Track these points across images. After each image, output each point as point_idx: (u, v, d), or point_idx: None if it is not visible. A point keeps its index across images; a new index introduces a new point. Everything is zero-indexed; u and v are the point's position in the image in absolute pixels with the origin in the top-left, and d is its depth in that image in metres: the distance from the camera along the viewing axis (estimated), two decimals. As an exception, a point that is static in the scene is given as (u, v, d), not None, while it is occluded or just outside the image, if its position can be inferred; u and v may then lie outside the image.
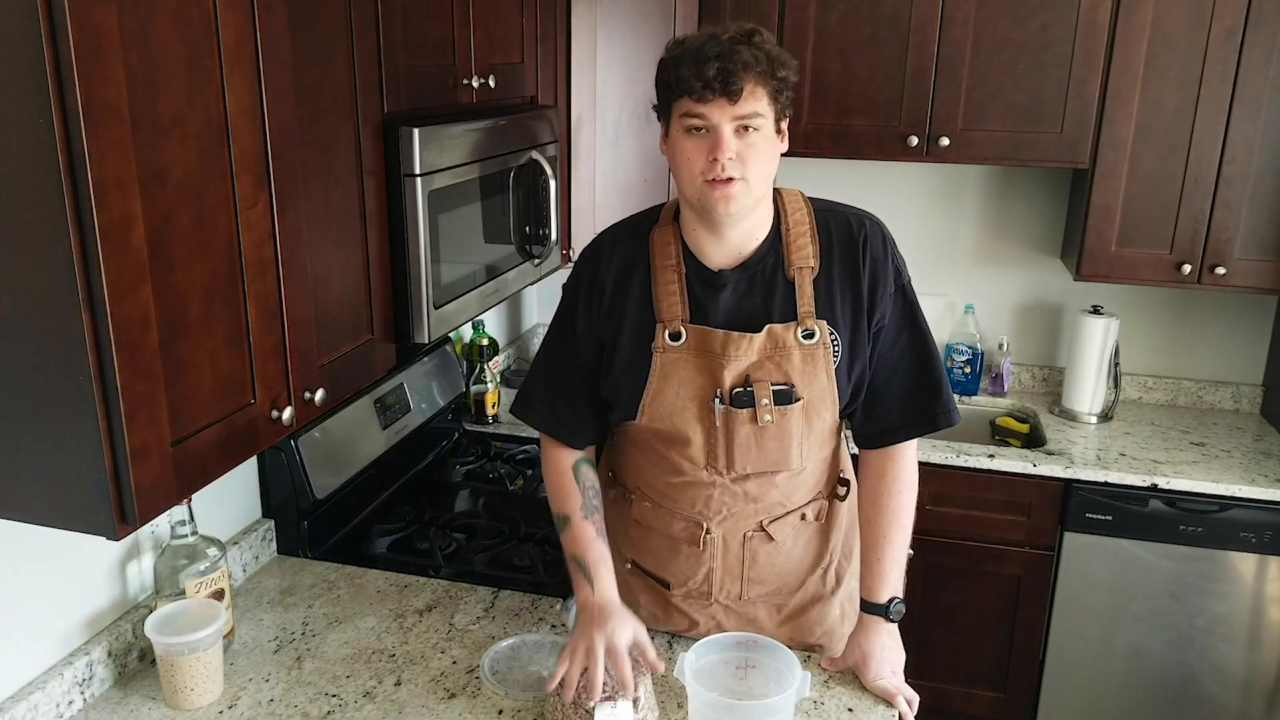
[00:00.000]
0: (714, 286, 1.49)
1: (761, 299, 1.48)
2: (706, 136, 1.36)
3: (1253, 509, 2.50)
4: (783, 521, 1.59)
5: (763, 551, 1.60)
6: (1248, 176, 2.55)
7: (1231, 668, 2.62)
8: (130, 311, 1.06)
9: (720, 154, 1.35)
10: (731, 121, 1.35)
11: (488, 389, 2.75)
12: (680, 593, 1.64)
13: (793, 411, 1.49)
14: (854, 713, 1.52)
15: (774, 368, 1.48)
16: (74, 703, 1.48)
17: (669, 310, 1.49)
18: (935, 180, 3.09)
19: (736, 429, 1.49)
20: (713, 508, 1.56)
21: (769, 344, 1.47)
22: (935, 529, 2.68)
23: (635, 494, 1.63)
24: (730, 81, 1.32)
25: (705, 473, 1.54)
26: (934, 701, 2.84)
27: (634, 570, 1.68)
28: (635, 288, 1.51)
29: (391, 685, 1.57)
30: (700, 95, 1.33)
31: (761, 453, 1.51)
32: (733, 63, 1.32)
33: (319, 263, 1.45)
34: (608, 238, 1.58)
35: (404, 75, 1.66)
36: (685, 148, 1.39)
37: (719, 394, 1.48)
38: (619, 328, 1.52)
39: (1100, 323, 2.84)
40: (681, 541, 1.60)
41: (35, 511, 1.13)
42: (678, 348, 1.48)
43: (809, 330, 1.47)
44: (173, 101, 1.11)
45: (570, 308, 1.57)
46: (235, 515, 1.90)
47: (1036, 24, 2.58)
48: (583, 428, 1.61)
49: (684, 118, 1.37)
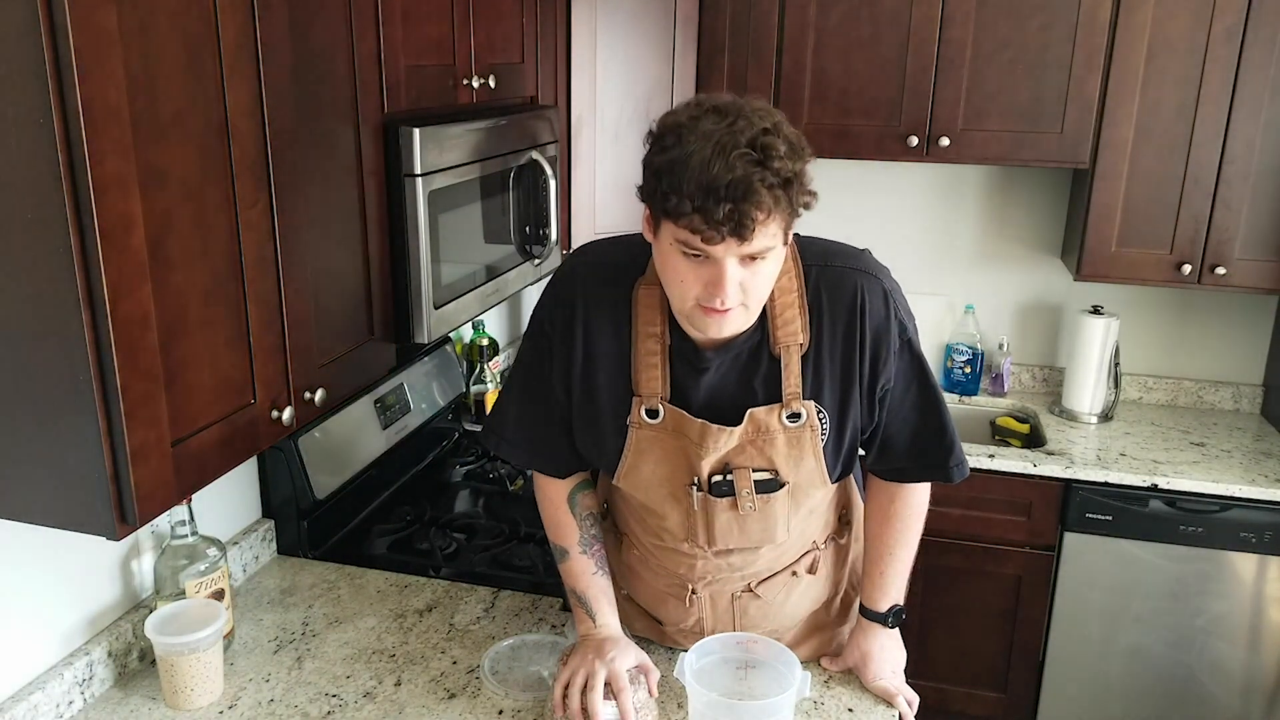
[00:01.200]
0: (696, 369, 1.34)
1: (745, 378, 1.34)
2: (705, 263, 1.18)
3: (1253, 509, 2.50)
4: (771, 581, 1.52)
5: (753, 607, 1.54)
6: (1248, 176, 2.55)
7: (1231, 668, 2.62)
8: (130, 311, 1.06)
9: (722, 290, 1.18)
10: (737, 256, 1.17)
11: (488, 389, 2.75)
12: (673, 630, 1.61)
13: (777, 498, 1.39)
14: (854, 713, 1.52)
15: (756, 453, 1.35)
16: (74, 703, 1.48)
17: (648, 385, 1.35)
18: (935, 180, 3.09)
19: (716, 515, 1.39)
20: (697, 573, 1.49)
21: (750, 429, 1.34)
22: (935, 529, 2.67)
23: (626, 537, 1.57)
24: (744, 226, 1.12)
25: (686, 545, 1.46)
26: (934, 701, 2.84)
27: (629, 600, 1.63)
28: (614, 346, 1.37)
29: (391, 685, 1.57)
30: (707, 237, 1.14)
31: (744, 534, 1.42)
32: (748, 204, 1.11)
33: (319, 263, 1.45)
34: (589, 275, 1.40)
35: (404, 75, 1.66)
36: (678, 268, 1.20)
37: (696, 481, 1.37)
38: (593, 385, 1.39)
39: (1100, 323, 2.84)
40: (670, 594, 1.54)
41: (35, 511, 1.13)
42: (654, 425, 1.36)
43: (795, 413, 1.33)
44: (173, 101, 1.11)
45: (545, 340, 1.42)
46: (235, 515, 1.90)
47: (1036, 24, 2.58)
48: (563, 458, 1.49)
49: (679, 244, 1.18)
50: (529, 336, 1.46)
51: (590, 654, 1.41)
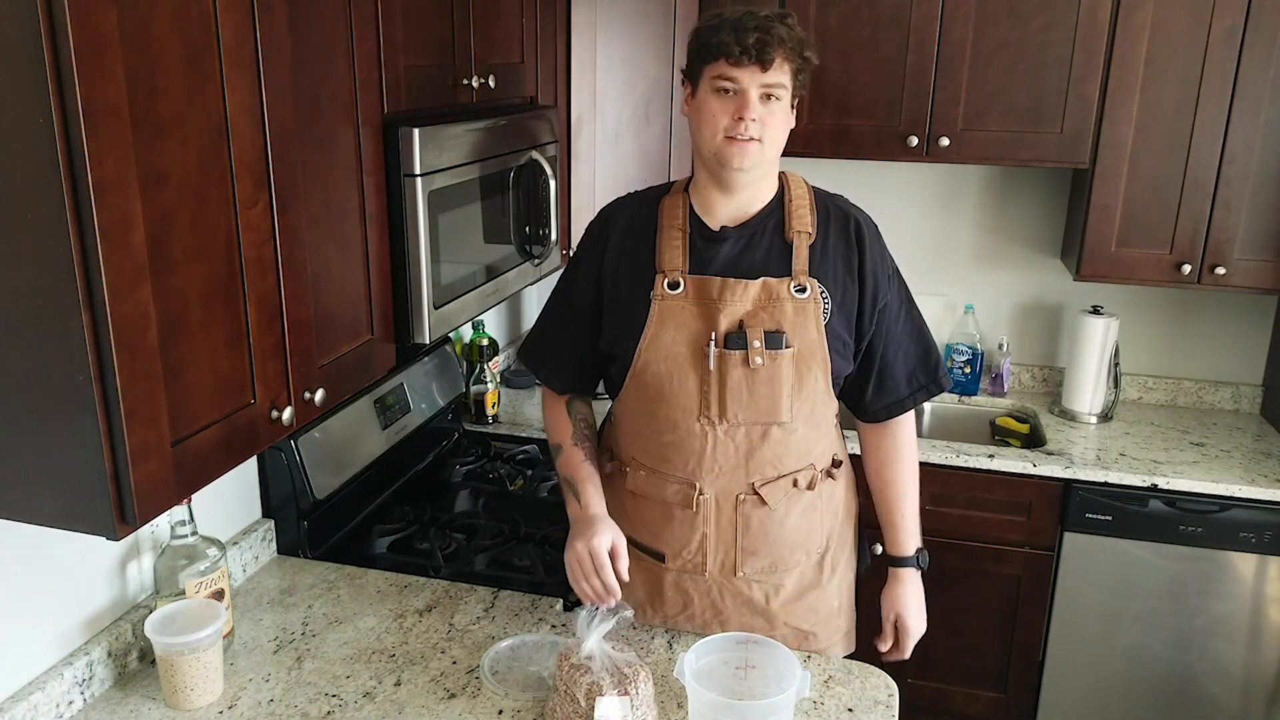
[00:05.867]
0: (715, 241, 1.59)
1: (759, 255, 1.58)
2: (733, 98, 1.49)
3: (1253, 509, 2.50)
4: (775, 485, 1.62)
5: (755, 517, 1.62)
6: (1248, 176, 2.55)
7: (1231, 668, 2.62)
8: (130, 311, 1.06)
9: (746, 113, 1.48)
10: (759, 87, 1.48)
11: (488, 389, 2.75)
12: (675, 566, 1.66)
13: (783, 357, 1.56)
14: (854, 713, 1.52)
15: (767, 317, 1.56)
16: (74, 703, 1.48)
17: (670, 262, 1.58)
18: (935, 180, 3.09)
19: (729, 372, 1.56)
20: (705, 465, 1.60)
21: (763, 295, 1.56)
22: (935, 529, 2.67)
23: (630, 465, 1.68)
24: (765, 51, 1.45)
25: (697, 425, 1.58)
26: (934, 701, 2.84)
27: (629, 549, 1.65)
28: (641, 245, 1.62)
29: (391, 685, 1.57)
30: (736, 60, 1.46)
31: (753, 399, 1.57)
32: (769, 35, 1.45)
33: (319, 263, 1.45)
34: (620, 202, 1.71)
35: (404, 75, 1.66)
36: (712, 106, 1.51)
37: (714, 337, 1.55)
38: (621, 279, 1.62)
39: (1100, 323, 2.84)
40: (675, 506, 1.63)
41: (35, 511, 1.13)
42: (676, 296, 1.57)
43: (801, 285, 1.56)
44: (173, 101, 1.11)
45: (574, 265, 1.70)
46: (235, 515, 1.90)
47: (1036, 24, 2.58)
48: (561, 372, 1.73)
49: (716, 79, 1.49)
50: (564, 269, 1.75)
51: (579, 542, 1.55)
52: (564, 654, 1.46)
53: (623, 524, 1.66)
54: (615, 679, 1.40)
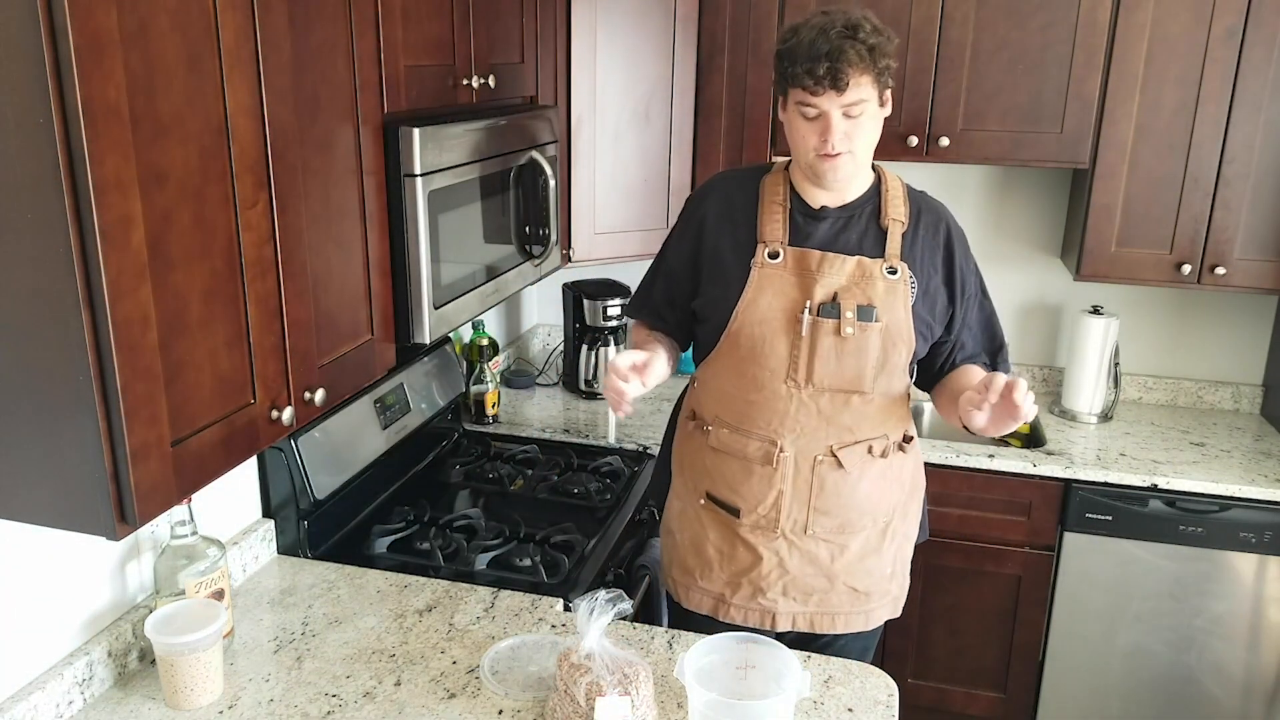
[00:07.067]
0: (815, 218, 1.70)
1: (855, 236, 1.69)
2: (818, 120, 1.59)
3: (1253, 509, 2.50)
4: (851, 449, 1.71)
5: (830, 479, 1.72)
6: (1248, 176, 2.55)
7: (1231, 668, 2.62)
8: (130, 311, 1.06)
9: (830, 135, 1.58)
10: (840, 108, 1.57)
11: (488, 389, 2.75)
12: (749, 521, 1.75)
13: (872, 330, 1.66)
14: (854, 713, 1.52)
15: (859, 292, 1.66)
16: (74, 703, 1.48)
17: (771, 234, 1.70)
18: (935, 180, 3.08)
19: (820, 339, 1.66)
20: (787, 425, 1.70)
21: (858, 272, 1.67)
22: (935, 529, 2.66)
23: (714, 424, 1.77)
24: (839, 78, 1.53)
25: (784, 386, 1.68)
26: (934, 701, 2.84)
27: (707, 505, 1.80)
28: (741, 218, 1.74)
29: (391, 685, 1.57)
30: (812, 90, 1.55)
31: (840, 367, 1.67)
32: (841, 61, 1.52)
33: (319, 263, 1.45)
34: (714, 181, 1.85)
35: (404, 75, 1.66)
36: (800, 127, 1.62)
37: (808, 305, 1.65)
38: (721, 249, 1.74)
39: (1100, 323, 2.84)
40: (755, 462, 1.72)
41: (35, 511, 1.13)
42: (775, 265, 1.68)
43: (893, 267, 1.67)
44: (173, 101, 1.11)
45: (672, 235, 1.86)
46: (235, 515, 1.90)
47: (1036, 24, 2.58)
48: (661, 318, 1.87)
49: (799, 105, 1.59)
50: (666, 238, 1.89)
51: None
52: (564, 654, 1.46)
53: (703, 479, 1.81)
54: (615, 679, 1.40)
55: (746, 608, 1.80)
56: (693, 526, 1.83)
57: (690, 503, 1.84)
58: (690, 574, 1.85)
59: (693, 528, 1.83)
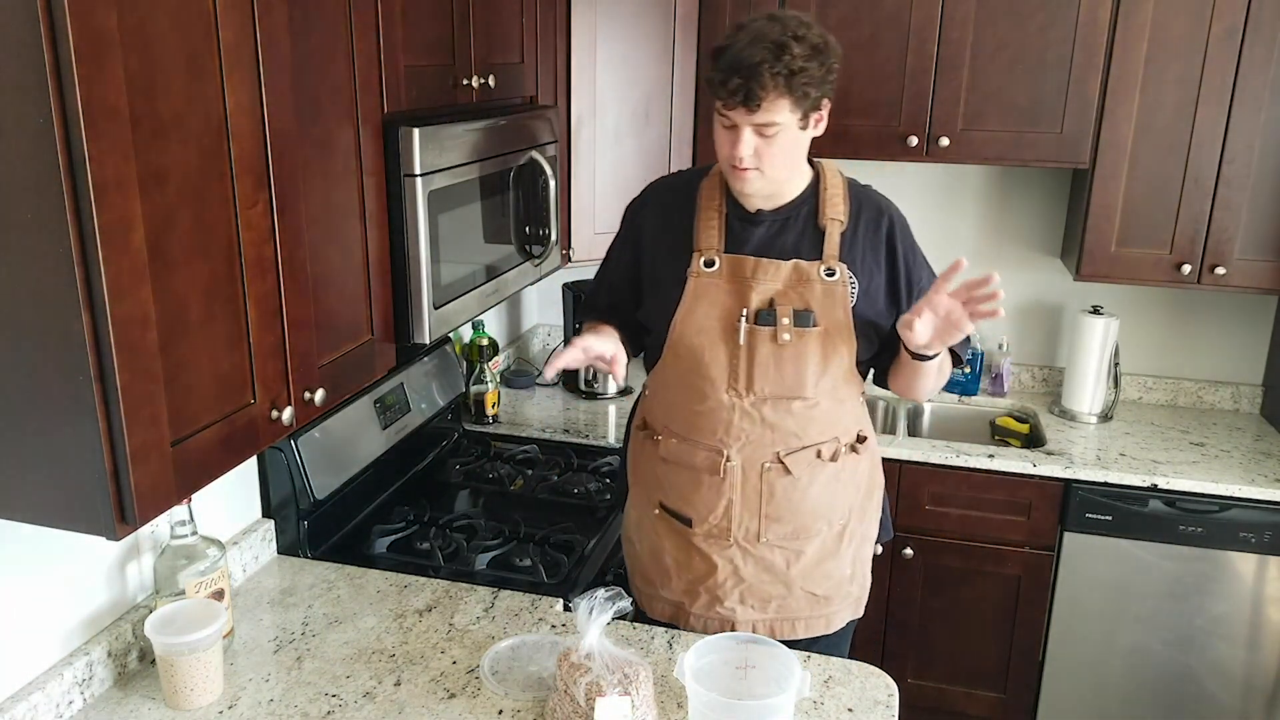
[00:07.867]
0: (751, 223, 1.67)
1: (792, 239, 1.66)
2: (731, 131, 1.56)
3: (1253, 509, 2.50)
4: (798, 455, 1.67)
5: (779, 486, 1.68)
6: (1248, 176, 2.55)
7: (1231, 668, 2.62)
8: (130, 311, 1.06)
9: (738, 149, 1.55)
10: (751, 126, 1.53)
11: (488, 389, 2.75)
12: (701, 531, 1.72)
13: (810, 335, 1.63)
14: (854, 713, 1.52)
15: (796, 297, 1.64)
16: (74, 703, 1.48)
17: (706, 241, 1.67)
18: (935, 180, 3.09)
19: (758, 347, 1.63)
20: (732, 434, 1.66)
21: (794, 276, 1.64)
22: (935, 529, 2.68)
23: (662, 434, 1.75)
24: (750, 97, 1.49)
25: (726, 396, 1.65)
26: (934, 701, 2.84)
27: (661, 514, 1.78)
28: (678, 225, 1.71)
29: (391, 685, 1.57)
30: (726, 102, 1.52)
31: (779, 374, 1.64)
32: (754, 83, 1.48)
33: (319, 263, 1.45)
34: (658, 183, 1.83)
35: (404, 75, 1.66)
36: (718, 134, 1.60)
37: (745, 313, 1.63)
38: (659, 257, 1.73)
39: (1100, 323, 2.84)
40: (703, 472, 1.69)
41: (35, 511, 1.13)
42: (711, 274, 1.66)
43: (831, 269, 1.64)
44: (173, 101, 1.11)
45: (614, 243, 1.85)
46: (235, 515, 1.90)
47: (1036, 24, 2.58)
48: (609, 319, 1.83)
49: (717, 113, 1.57)
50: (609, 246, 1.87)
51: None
52: (564, 654, 1.46)
53: (655, 490, 1.78)
54: (615, 678, 1.40)
55: (706, 616, 1.76)
56: (650, 536, 1.80)
57: (646, 513, 1.80)
58: (651, 583, 1.82)
59: (650, 538, 1.80)
